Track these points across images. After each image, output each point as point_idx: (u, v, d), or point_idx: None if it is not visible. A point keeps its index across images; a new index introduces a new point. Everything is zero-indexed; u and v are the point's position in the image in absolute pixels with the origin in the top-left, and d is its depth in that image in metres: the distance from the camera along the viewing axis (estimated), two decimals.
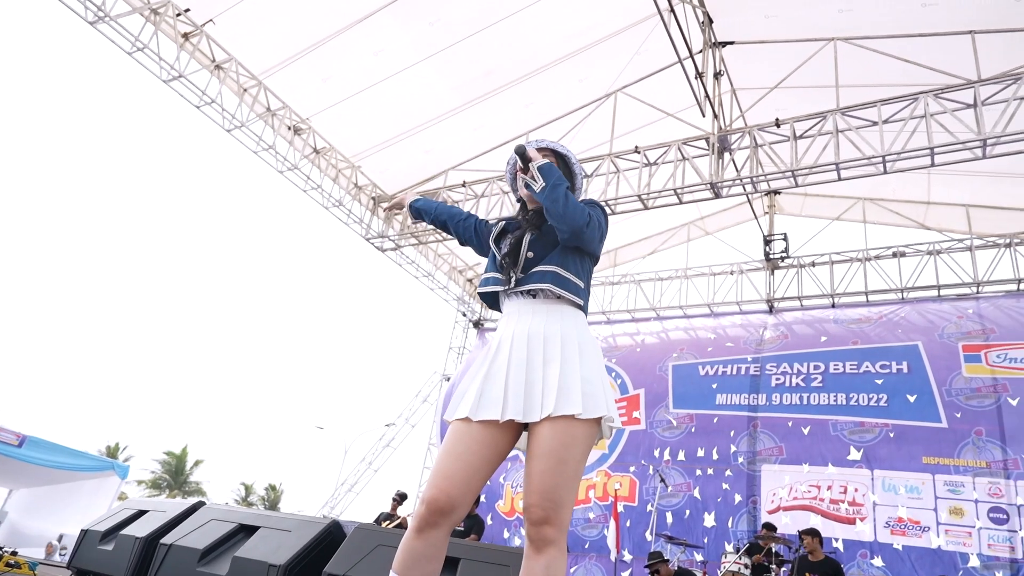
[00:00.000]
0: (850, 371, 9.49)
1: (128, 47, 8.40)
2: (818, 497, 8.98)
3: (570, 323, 2.03)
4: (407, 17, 8.68)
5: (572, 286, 2.06)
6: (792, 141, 8.61)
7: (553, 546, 1.77)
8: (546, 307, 2.05)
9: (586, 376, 1.91)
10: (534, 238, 2.13)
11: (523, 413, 1.87)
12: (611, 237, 12.12)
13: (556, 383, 1.88)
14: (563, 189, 2.04)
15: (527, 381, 1.92)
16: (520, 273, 2.08)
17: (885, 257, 10.30)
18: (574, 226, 2.00)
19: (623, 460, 10.18)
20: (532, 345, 1.97)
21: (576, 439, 1.83)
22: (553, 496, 1.78)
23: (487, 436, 1.90)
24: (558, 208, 2.00)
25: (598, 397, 1.89)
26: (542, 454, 1.81)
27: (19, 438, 9.98)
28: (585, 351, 1.98)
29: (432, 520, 1.82)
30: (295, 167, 9.64)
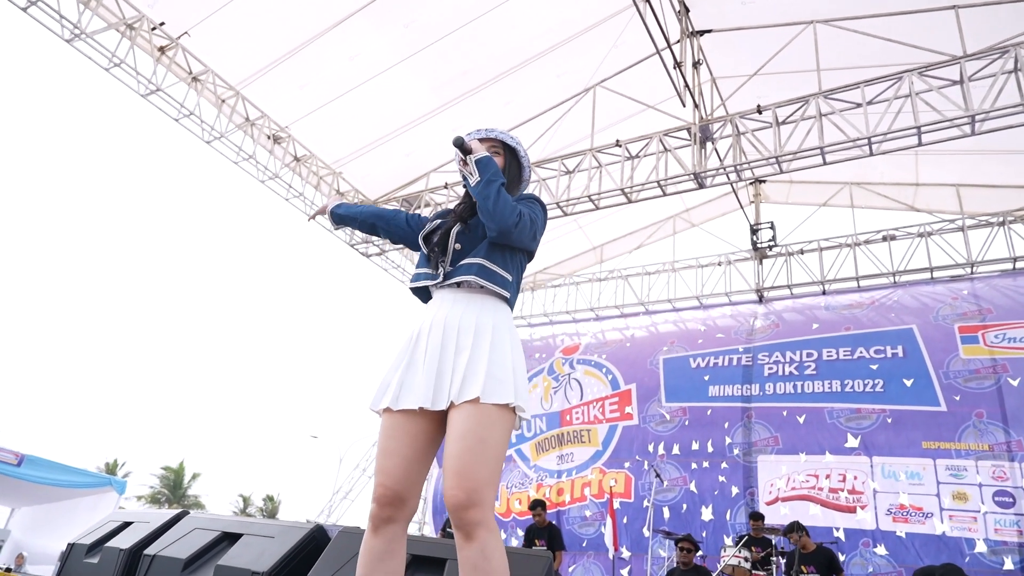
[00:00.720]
0: (844, 357, 9.05)
1: (105, 63, 8.15)
2: (817, 487, 8.55)
3: (489, 314, 1.94)
4: (381, 20, 8.37)
5: (497, 278, 1.96)
6: (775, 127, 8.23)
7: (482, 527, 1.67)
8: (467, 297, 1.96)
9: (494, 363, 1.83)
10: (462, 230, 2.04)
11: (432, 401, 1.81)
12: (597, 233, 11.81)
13: (463, 370, 1.82)
14: (496, 186, 1.93)
15: (438, 370, 1.85)
16: (449, 266, 1.99)
17: (875, 241, 9.84)
18: (502, 225, 1.91)
19: (617, 456, 9.76)
20: (447, 334, 1.89)
21: (491, 421, 1.76)
22: (472, 475, 1.68)
23: (415, 427, 1.85)
24: (488, 205, 1.91)
25: (505, 384, 1.81)
26: (457, 437, 1.74)
27: (18, 457, 9.73)
28: (498, 340, 1.89)
29: (384, 515, 1.80)
30: (276, 176, 9.33)
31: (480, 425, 1.74)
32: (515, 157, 2.22)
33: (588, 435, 10.14)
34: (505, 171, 2.15)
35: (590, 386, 10.51)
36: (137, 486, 31.77)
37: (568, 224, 11.07)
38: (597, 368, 10.62)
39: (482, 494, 1.69)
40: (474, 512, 1.66)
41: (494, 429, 1.76)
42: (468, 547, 1.67)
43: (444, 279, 1.98)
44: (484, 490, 1.69)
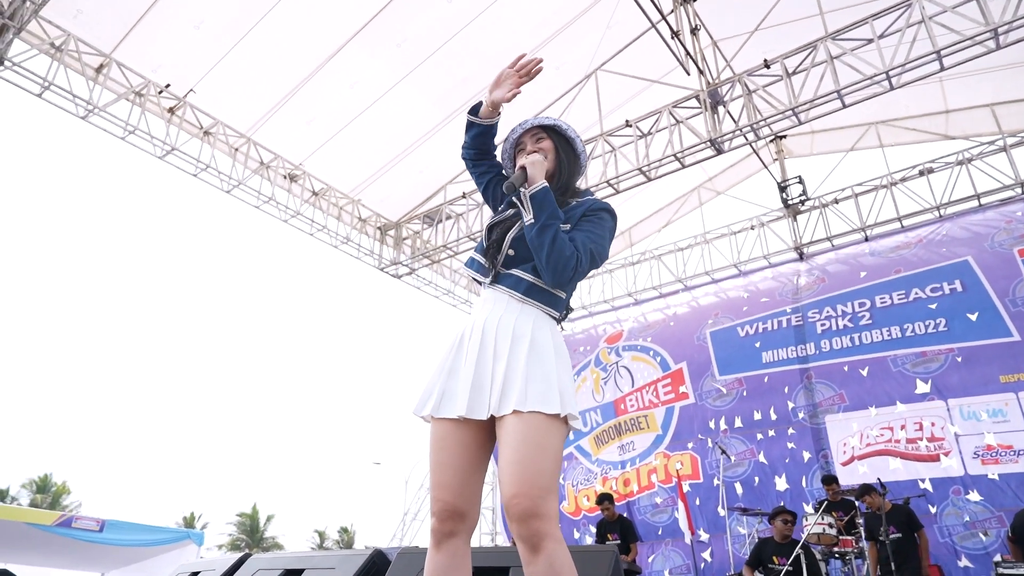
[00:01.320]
0: (899, 302, 8.45)
1: (120, 132, 8.29)
2: (893, 439, 7.96)
3: (529, 320, 1.78)
4: (374, 44, 8.32)
5: (546, 296, 1.82)
6: (786, 79, 7.86)
7: (548, 538, 1.53)
8: (518, 302, 1.81)
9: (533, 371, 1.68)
10: (519, 235, 1.85)
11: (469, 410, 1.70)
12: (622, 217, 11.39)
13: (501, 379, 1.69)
14: (552, 233, 1.74)
15: (476, 379, 1.73)
16: (500, 268, 1.86)
17: (912, 177, 9.24)
18: (557, 280, 1.77)
19: (679, 438, 9.32)
20: (485, 340, 1.77)
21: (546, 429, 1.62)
22: (534, 483, 1.55)
23: (465, 436, 1.74)
24: (541, 257, 1.75)
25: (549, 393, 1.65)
26: (514, 446, 1.60)
27: (99, 523, 9.89)
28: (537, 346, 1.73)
29: (446, 530, 1.70)
30: (298, 213, 9.31)
31: (536, 432, 1.61)
32: (563, 138, 2.02)
33: (646, 421, 9.74)
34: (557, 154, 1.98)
35: (640, 371, 10.10)
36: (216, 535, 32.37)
37: None
38: (644, 352, 10.21)
39: (547, 503, 1.56)
40: (539, 523, 1.53)
41: (549, 437, 1.63)
42: (535, 561, 1.53)
43: (492, 281, 1.87)
44: (548, 498, 1.57)
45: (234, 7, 7.85)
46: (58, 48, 7.86)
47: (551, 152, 1.98)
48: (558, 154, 1.99)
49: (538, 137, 2.03)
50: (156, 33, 8.04)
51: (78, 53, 7.96)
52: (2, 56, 7.54)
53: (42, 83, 7.76)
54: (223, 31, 8.07)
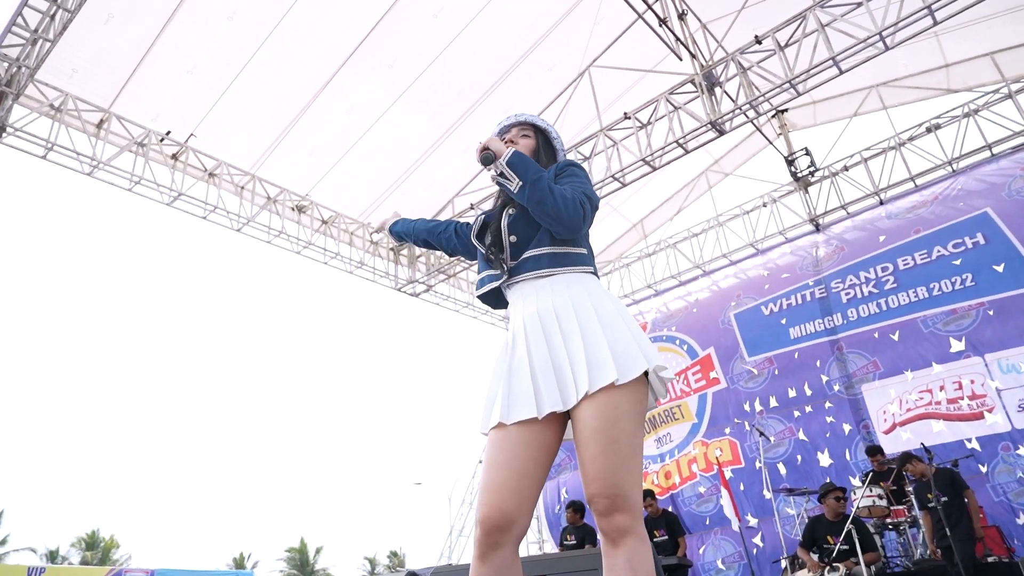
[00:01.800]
0: (922, 262, 8.28)
1: (126, 184, 8.33)
2: (933, 402, 7.77)
3: (578, 289, 1.70)
4: (365, 68, 8.34)
5: (572, 258, 1.75)
6: (779, 52, 7.75)
7: (631, 535, 1.49)
8: (549, 282, 1.73)
9: (613, 338, 1.60)
10: (513, 219, 1.81)
11: (561, 401, 1.59)
12: (633, 210, 11.37)
13: (583, 357, 1.59)
14: (544, 184, 1.69)
15: (554, 366, 1.62)
16: (512, 261, 1.78)
17: (920, 136, 9.08)
18: (571, 225, 1.70)
19: (715, 424, 9.17)
20: (547, 326, 1.67)
21: (622, 411, 1.54)
22: (614, 480, 1.50)
23: (528, 436, 1.61)
24: (547, 208, 1.68)
25: (633, 355, 1.58)
26: (590, 438, 1.53)
27: (149, 574, 9.86)
28: (603, 312, 1.66)
29: (492, 541, 1.55)
30: (310, 243, 9.32)
31: (612, 421, 1.53)
32: (546, 137, 2.02)
33: (680, 411, 9.60)
34: (537, 151, 1.98)
35: (668, 362, 9.91)
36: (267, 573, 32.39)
37: (602, 209, 10.69)
38: (670, 342, 10.08)
39: (628, 499, 1.51)
40: (621, 518, 1.49)
41: (629, 419, 1.55)
42: (614, 554, 1.50)
43: (511, 276, 1.78)
44: (630, 493, 1.51)
45: (224, 48, 7.89)
46: (57, 109, 7.94)
47: (531, 150, 1.98)
48: (539, 151, 1.99)
49: (524, 133, 2.01)
50: (151, 83, 8.11)
51: (77, 111, 8.03)
52: (3, 123, 7.63)
53: (45, 145, 7.83)
54: (216, 73, 8.12)
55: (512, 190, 1.73)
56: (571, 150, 8.86)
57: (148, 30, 7.64)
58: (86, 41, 7.63)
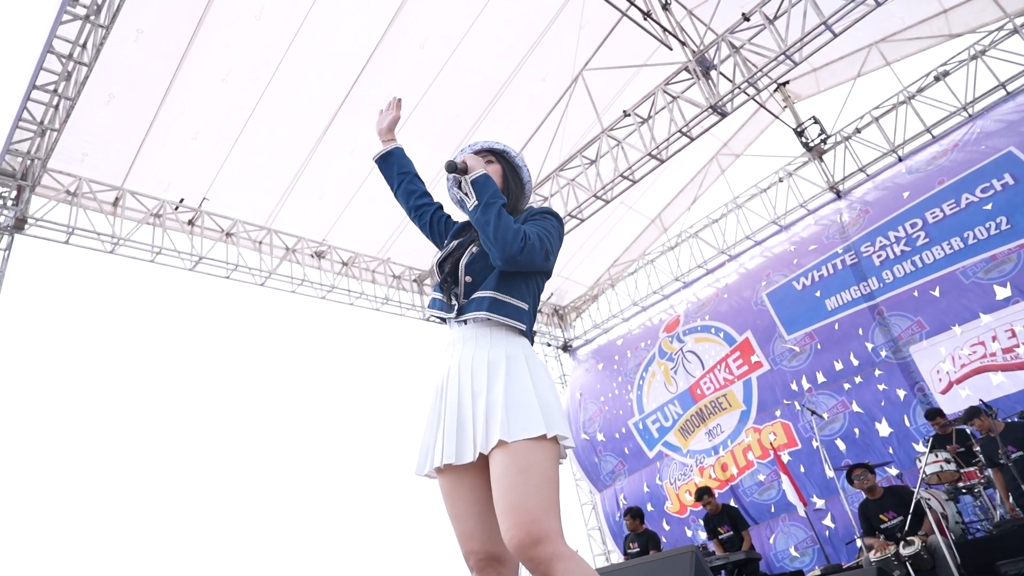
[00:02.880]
0: (951, 212, 8.02)
1: (148, 256, 8.46)
2: (987, 353, 7.47)
3: (501, 347, 1.76)
4: (362, 108, 8.43)
5: (510, 309, 1.80)
6: (769, 26, 7.64)
7: (556, 560, 1.47)
8: (478, 332, 1.80)
9: (512, 399, 1.65)
10: (473, 258, 1.85)
11: (456, 456, 1.66)
12: (648, 205, 11.25)
13: (484, 415, 1.66)
14: (496, 209, 1.76)
15: (459, 422, 1.70)
16: (463, 299, 1.83)
17: (929, 85, 8.84)
18: (506, 253, 1.73)
19: (764, 409, 8.93)
20: (462, 381, 1.74)
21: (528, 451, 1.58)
22: (524, 510, 1.51)
23: (471, 480, 1.71)
24: (488, 232, 1.74)
25: (531, 416, 1.62)
26: (499, 478, 1.58)
27: None
28: (514, 372, 1.71)
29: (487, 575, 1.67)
30: (333, 287, 9.36)
31: (517, 459, 1.57)
32: (510, 164, 2.06)
33: (727, 400, 9.37)
34: (504, 179, 2.01)
35: (706, 352, 9.75)
36: None
37: (617, 209, 10.59)
38: (706, 331, 9.87)
39: (542, 526, 1.50)
40: (541, 548, 1.48)
41: (534, 459, 1.58)
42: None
43: (457, 314, 1.83)
44: (543, 521, 1.51)
45: (223, 110, 8.03)
46: (73, 193, 8.12)
47: (499, 176, 2.00)
48: (506, 179, 2.01)
49: (487, 160, 2.03)
50: (159, 154, 8.27)
51: (92, 193, 8.21)
52: (25, 216, 7.84)
53: (66, 230, 7.99)
54: (219, 135, 8.25)
55: (467, 207, 1.81)
56: (575, 155, 8.82)
57: (149, 104, 7.80)
58: (92, 124, 7.80)
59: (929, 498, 5.62)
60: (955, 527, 5.78)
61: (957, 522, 5.91)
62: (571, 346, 12.37)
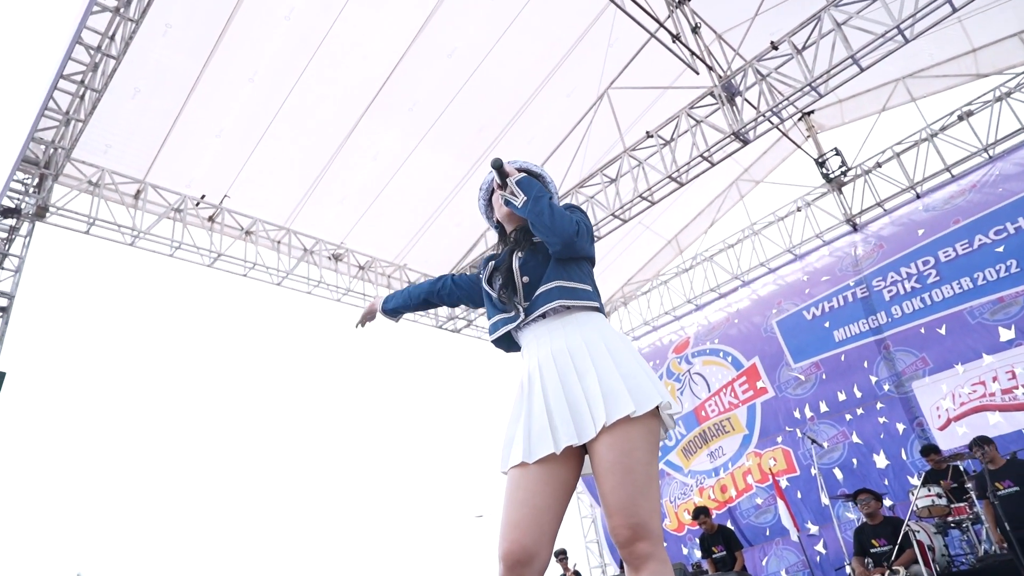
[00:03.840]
0: (964, 252, 8.84)
1: (167, 251, 9.25)
2: (987, 393, 8.33)
3: (590, 328, 1.96)
4: (387, 112, 9.16)
5: (581, 293, 2.00)
6: (797, 56, 8.32)
7: (652, 559, 1.70)
8: (560, 323, 1.98)
9: (626, 373, 1.83)
10: (523, 260, 2.07)
11: (577, 435, 1.79)
12: (665, 227, 12.11)
13: (599, 391, 1.80)
14: (546, 200, 2.01)
15: (569, 403, 1.84)
16: (525, 302, 2.01)
17: (952, 124, 9.62)
18: (564, 236, 1.96)
19: (767, 434, 9.87)
20: (560, 365, 1.90)
21: (635, 443, 1.75)
22: (633, 510, 1.71)
23: (546, 473, 1.83)
24: (544, 220, 1.97)
25: (646, 389, 1.80)
26: (606, 470, 1.74)
27: None
28: (615, 349, 1.91)
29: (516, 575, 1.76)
30: (348, 291, 10.23)
31: (626, 452, 1.73)
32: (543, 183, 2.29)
33: (730, 423, 10.31)
34: None
35: (713, 375, 10.71)
36: None
37: (634, 228, 11.40)
38: (714, 355, 10.81)
39: (648, 526, 1.71)
40: (643, 545, 1.70)
41: (642, 448, 1.75)
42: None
43: (525, 316, 2.00)
44: (649, 521, 1.71)
45: (247, 109, 8.76)
46: (95, 184, 8.90)
47: None
48: None
49: None
50: (182, 150, 9.03)
51: (115, 185, 8.98)
52: (47, 204, 8.61)
53: (87, 220, 8.77)
54: (243, 135, 9.01)
55: (517, 205, 2.04)
56: (596, 173, 9.60)
57: (174, 99, 8.53)
58: (116, 117, 8.55)
59: (919, 530, 6.47)
60: (941, 559, 6.60)
61: (943, 555, 6.73)
62: None
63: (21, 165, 8.30)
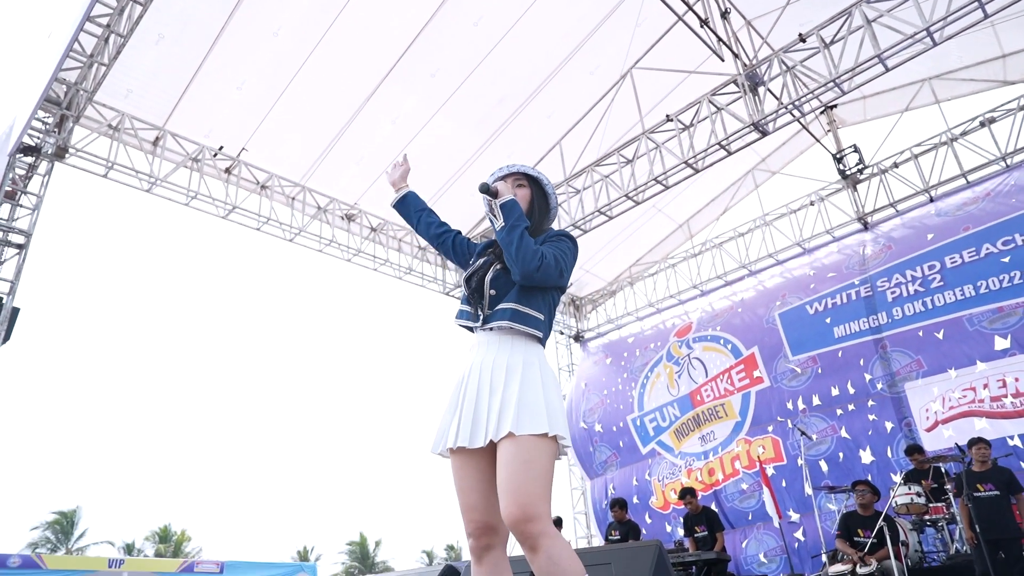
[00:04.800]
0: (970, 260, 9.44)
1: (183, 199, 9.85)
2: (976, 399, 9.01)
3: (520, 353, 2.29)
4: (408, 78, 9.67)
5: (530, 320, 2.31)
6: (824, 50, 8.66)
7: (543, 536, 1.99)
8: (501, 339, 2.32)
9: (525, 398, 2.16)
10: (496, 274, 2.37)
11: (470, 440, 2.18)
12: (678, 210, 12.71)
13: (498, 408, 2.17)
14: (519, 231, 2.27)
15: (475, 411, 2.22)
16: (487, 310, 2.35)
17: (973, 130, 10.13)
18: (524, 270, 2.24)
19: (758, 423, 10.64)
20: (483, 377, 2.26)
21: (532, 446, 2.08)
22: (523, 492, 2.01)
23: (480, 461, 2.23)
24: (511, 251, 2.25)
25: (538, 416, 2.13)
26: (504, 463, 2.08)
27: (219, 565, 11.98)
28: (529, 378, 2.22)
29: (482, 545, 2.20)
30: (359, 251, 10.92)
31: (522, 450, 2.07)
32: (540, 187, 2.54)
33: (723, 409, 11.06)
34: (531, 203, 2.50)
35: (712, 361, 11.46)
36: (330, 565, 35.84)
37: (647, 211, 12.02)
38: (715, 341, 11.51)
39: (536, 508, 2.01)
40: (532, 525, 1.98)
41: (536, 453, 2.08)
42: (536, 558, 1.99)
43: (482, 323, 2.35)
44: (537, 504, 2.01)
45: (270, 64, 9.31)
46: (115, 128, 9.46)
47: (526, 201, 2.48)
48: (532, 202, 2.51)
49: (519, 183, 2.51)
50: (202, 100, 9.59)
51: (134, 130, 9.57)
52: (66, 145, 9.14)
53: (106, 164, 9.35)
54: (264, 89, 9.56)
55: (495, 226, 2.32)
56: (612, 153, 10.12)
57: (197, 49, 9.07)
58: (139, 62, 9.11)
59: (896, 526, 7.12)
60: (914, 555, 7.34)
61: (916, 550, 7.47)
62: (583, 337, 14.25)
63: (43, 104, 8.78)
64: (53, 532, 29.10)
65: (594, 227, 10.45)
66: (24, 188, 8.99)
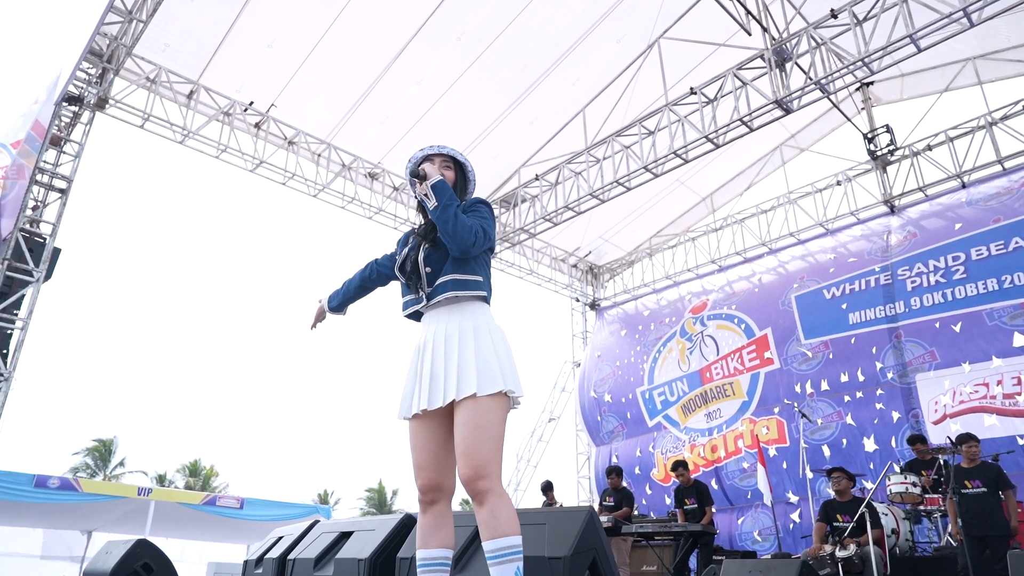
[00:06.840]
0: (997, 253, 9.78)
1: (214, 152, 10.96)
2: (988, 395, 9.44)
3: (469, 317, 2.60)
4: (435, 40, 10.51)
5: (471, 284, 2.62)
6: (856, 27, 8.98)
7: (490, 494, 2.35)
8: (450, 308, 2.63)
9: (480, 360, 2.49)
10: (428, 252, 2.66)
11: (429, 403, 2.50)
12: (701, 184, 13.36)
13: (455, 373, 2.48)
14: (453, 209, 2.54)
15: (431, 377, 2.53)
16: (428, 287, 2.64)
17: (1015, 114, 10.37)
18: (462, 246, 2.54)
19: (765, 404, 11.36)
20: (436, 346, 2.58)
21: (486, 408, 2.42)
22: (476, 454, 2.36)
23: (434, 424, 2.57)
24: (448, 229, 2.52)
25: (492, 375, 2.46)
26: (459, 426, 2.43)
27: (239, 501, 13.56)
28: (480, 339, 2.55)
29: (428, 499, 2.55)
30: (381, 210, 11.90)
31: (476, 414, 2.39)
32: (462, 170, 2.84)
33: (732, 388, 11.78)
34: (456, 184, 2.78)
35: (725, 339, 12.24)
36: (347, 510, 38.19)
37: (669, 182, 12.69)
38: (729, 320, 12.23)
39: (487, 468, 2.35)
40: (482, 483, 2.34)
41: (490, 415, 2.41)
42: (480, 511, 2.36)
43: (428, 301, 2.64)
44: (488, 465, 2.36)
45: (300, 23, 10.29)
46: (152, 80, 10.57)
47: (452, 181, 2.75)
48: (456, 181, 2.80)
49: (446, 164, 2.78)
50: (235, 56, 10.64)
51: (169, 83, 10.69)
52: (107, 96, 10.26)
53: (142, 115, 10.51)
54: (293, 47, 10.54)
55: (429, 207, 2.57)
56: (635, 124, 10.68)
57: (231, 6, 10.12)
58: (176, 18, 10.19)
59: (887, 513, 7.70)
60: (903, 543, 7.90)
61: (907, 540, 8.02)
62: (599, 305, 15.17)
63: (87, 56, 9.86)
64: (92, 458, 32.26)
65: (612, 197, 11.12)
66: (68, 136, 10.16)
